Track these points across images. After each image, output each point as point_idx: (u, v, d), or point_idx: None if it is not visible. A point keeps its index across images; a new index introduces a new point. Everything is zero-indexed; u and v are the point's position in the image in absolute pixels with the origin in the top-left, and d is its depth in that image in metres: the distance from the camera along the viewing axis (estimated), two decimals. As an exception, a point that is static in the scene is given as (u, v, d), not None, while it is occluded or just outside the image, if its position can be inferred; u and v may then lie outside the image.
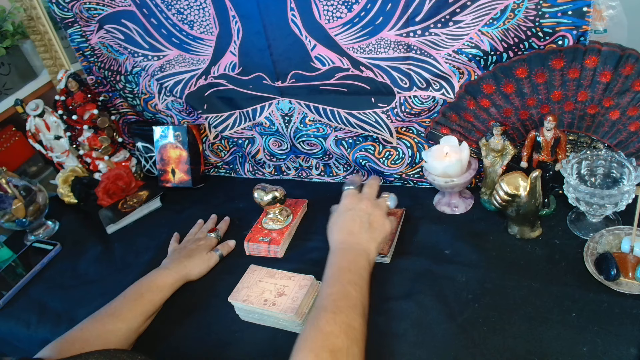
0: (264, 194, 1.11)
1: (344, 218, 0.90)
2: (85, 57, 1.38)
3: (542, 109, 0.98)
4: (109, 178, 1.40)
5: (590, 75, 0.91)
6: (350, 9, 0.99)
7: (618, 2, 0.92)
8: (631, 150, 0.95)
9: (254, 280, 0.96)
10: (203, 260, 1.07)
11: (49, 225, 1.38)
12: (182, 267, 1.03)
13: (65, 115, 1.40)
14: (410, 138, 1.16)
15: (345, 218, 0.90)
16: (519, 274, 0.91)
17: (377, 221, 0.89)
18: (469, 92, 1.01)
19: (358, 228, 0.87)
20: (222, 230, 1.20)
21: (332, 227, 0.91)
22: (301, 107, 1.19)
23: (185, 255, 1.07)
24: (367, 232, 0.87)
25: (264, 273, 0.98)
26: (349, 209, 0.91)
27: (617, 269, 0.83)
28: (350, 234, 0.87)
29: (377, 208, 0.91)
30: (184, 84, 1.26)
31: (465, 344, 0.81)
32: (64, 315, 1.07)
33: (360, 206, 0.91)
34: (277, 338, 0.90)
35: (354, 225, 0.88)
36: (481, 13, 0.91)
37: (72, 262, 1.23)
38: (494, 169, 1.04)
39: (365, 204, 0.91)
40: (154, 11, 1.17)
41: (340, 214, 0.92)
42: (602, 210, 0.91)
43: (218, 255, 1.10)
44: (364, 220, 0.88)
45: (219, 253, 1.11)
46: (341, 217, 0.91)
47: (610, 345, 0.75)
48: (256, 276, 0.97)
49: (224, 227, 1.21)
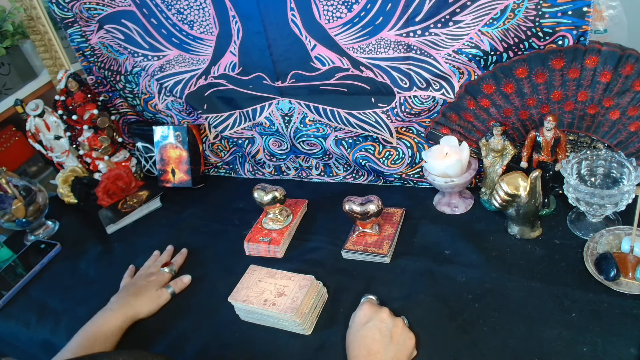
0: (264, 194, 1.11)
1: (363, 332, 0.81)
2: (85, 57, 1.38)
3: (542, 109, 0.98)
4: (109, 178, 1.40)
5: (590, 75, 0.91)
6: (350, 9, 0.99)
7: (618, 2, 0.92)
8: (631, 150, 0.95)
9: (254, 280, 0.96)
10: (152, 299, 1.00)
11: (49, 225, 1.38)
12: (129, 307, 0.97)
13: (65, 115, 1.41)
14: (410, 138, 1.16)
15: (364, 332, 0.81)
16: (519, 274, 0.91)
17: (399, 333, 0.81)
18: (469, 92, 1.01)
19: (379, 345, 0.78)
20: (177, 264, 1.12)
21: (352, 342, 0.82)
22: (301, 107, 1.19)
23: (133, 293, 1.01)
24: (388, 349, 0.78)
25: (264, 273, 0.98)
26: (369, 319, 0.82)
27: (617, 269, 0.83)
28: (370, 353, 0.78)
29: (398, 319, 0.84)
30: (184, 84, 1.26)
31: (465, 344, 0.81)
32: (63, 315, 1.07)
33: (381, 316, 0.83)
34: (277, 338, 0.90)
35: (373, 342, 0.79)
36: (481, 13, 0.91)
37: (72, 262, 1.23)
38: (494, 169, 1.04)
39: (385, 313, 0.84)
40: (154, 11, 1.17)
41: (360, 326, 0.82)
42: (602, 211, 0.90)
43: (170, 293, 1.03)
44: (385, 333, 0.80)
45: (171, 291, 1.03)
46: (361, 330, 0.81)
47: (610, 346, 0.75)
48: (256, 276, 0.97)
49: (179, 260, 1.13)
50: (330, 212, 1.18)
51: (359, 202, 1.02)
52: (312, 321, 0.90)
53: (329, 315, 0.92)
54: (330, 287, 0.97)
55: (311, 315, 0.90)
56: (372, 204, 1.01)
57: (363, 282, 0.97)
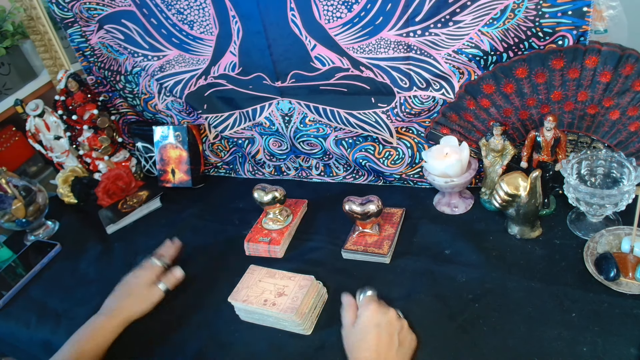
0: (264, 194, 1.11)
1: (372, 334, 0.78)
2: (85, 57, 1.38)
3: (542, 109, 0.98)
4: (109, 178, 1.40)
5: (591, 75, 0.91)
6: (350, 9, 0.99)
7: (618, 2, 0.92)
8: (631, 150, 0.95)
9: (254, 280, 0.96)
10: (143, 299, 0.96)
11: (48, 225, 1.38)
12: (120, 310, 0.93)
13: (65, 115, 1.41)
14: (410, 138, 1.16)
15: (373, 334, 0.78)
16: (519, 274, 0.91)
17: (406, 337, 0.80)
18: (469, 92, 1.01)
19: (387, 348, 0.76)
20: (169, 256, 1.05)
21: (358, 342, 0.79)
22: (301, 107, 1.19)
23: (124, 293, 0.97)
24: (396, 352, 0.77)
25: (264, 273, 0.98)
26: (379, 322, 0.79)
27: (617, 269, 0.83)
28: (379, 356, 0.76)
29: (403, 321, 0.82)
30: (183, 84, 1.26)
31: (465, 344, 0.81)
32: (63, 315, 1.07)
33: (390, 320, 0.80)
34: (277, 338, 0.90)
35: (382, 344, 0.77)
36: (481, 13, 0.91)
37: (72, 262, 1.23)
38: (494, 169, 1.04)
39: (392, 315, 0.81)
40: (154, 11, 1.17)
41: (369, 327, 0.79)
42: (602, 211, 0.90)
43: (163, 290, 0.98)
44: (394, 338, 0.78)
45: (164, 287, 0.98)
46: (369, 332, 0.78)
47: (610, 345, 0.75)
48: (256, 276, 0.97)
49: (171, 252, 1.06)
50: (331, 212, 1.18)
51: (359, 202, 1.02)
52: (312, 321, 0.90)
53: (329, 315, 0.92)
54: (330, 287, 0.97)
55: (311, 315, 0.90)
56: (372, 204, 1.01)
57: (363, 282, 0.97)
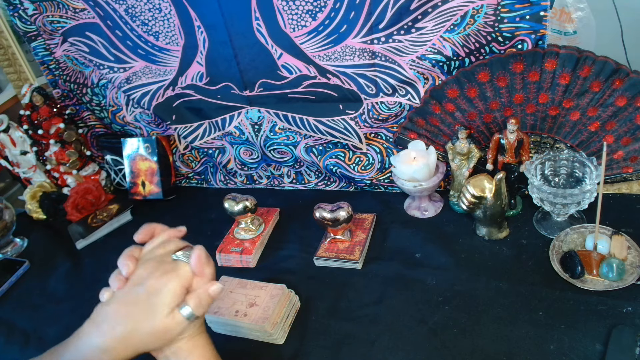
0: (235, 203, 1.11)
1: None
2: (50, 71, 1.36)
3: (505, 111, 1.00)
4: (78, 192, 1.37)
5: (550, 78, 0.93)
6: (314, 17, 0.99)
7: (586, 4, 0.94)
8: (592, 150, 0.98)
9: (225, 291, 0.96)
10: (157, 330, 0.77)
11: (17, 242, 1.35)
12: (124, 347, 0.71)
13: (31, 130, 1.38)
14: (379, 144, 1.16)
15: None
16: (487, 275, 0.92)
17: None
18: (434, 97, 1.02)
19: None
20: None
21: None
22: (270, 116, 1.19)
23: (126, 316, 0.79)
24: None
25: (235, 284, 0.97)
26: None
27: (581, 267, 0.85)
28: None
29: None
30: (151, 95, 1.25)
31: (436, 347, 0.82)
32: (32, 335, 1.04)
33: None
34: (251, 349, 0.90)
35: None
36: (442, 19, 0.92)
37: (41, 280, 1.20)
38: (460, 172, 1.05)
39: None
40: (118, 23, 1.15)
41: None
42: (565, 210, 0.92)
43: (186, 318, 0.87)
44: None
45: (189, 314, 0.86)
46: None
47: (576, 342, 0.77)
48: (227, 287, 0.96)
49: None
50: (303, 219, 1.18)
51: (329, 209, 1.02)
52: (285, 330, 0.90)
53: (302, 323, 0.92)
54: (302, 295, 0.96)
55: (283, 324, 0.90)
56: (343, 210, 1.01)
57: (335, 289, 0.98)
